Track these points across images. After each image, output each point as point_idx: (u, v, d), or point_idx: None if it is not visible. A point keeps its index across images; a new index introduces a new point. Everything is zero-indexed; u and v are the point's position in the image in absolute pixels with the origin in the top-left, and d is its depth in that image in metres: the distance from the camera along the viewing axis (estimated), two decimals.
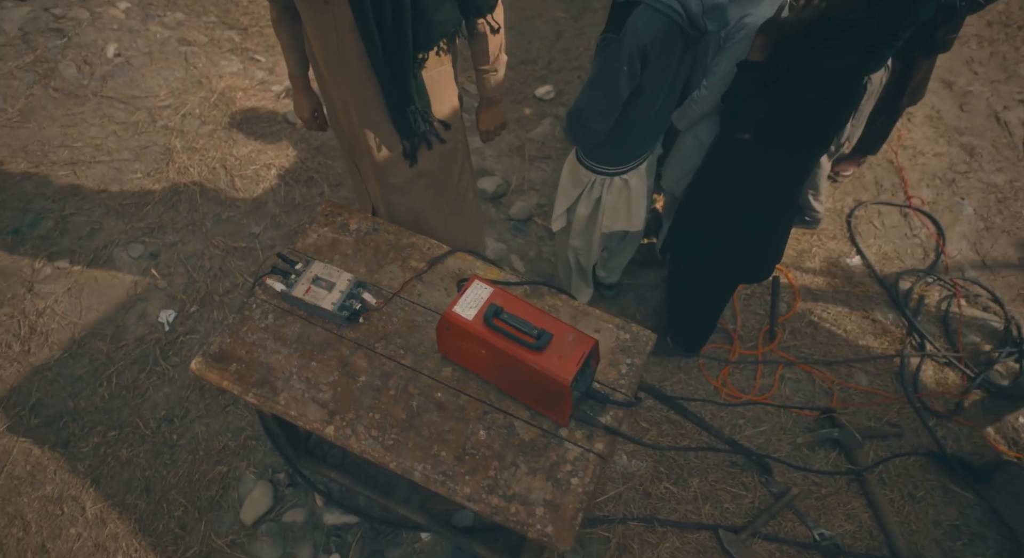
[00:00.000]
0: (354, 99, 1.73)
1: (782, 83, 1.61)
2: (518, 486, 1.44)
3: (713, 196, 2.00)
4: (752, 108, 1.68)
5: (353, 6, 1.52)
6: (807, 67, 1.59)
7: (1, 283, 2.50)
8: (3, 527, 2.03)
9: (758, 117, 1.70)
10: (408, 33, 1.58)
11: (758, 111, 1.68)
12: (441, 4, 1.59)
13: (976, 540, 2.23)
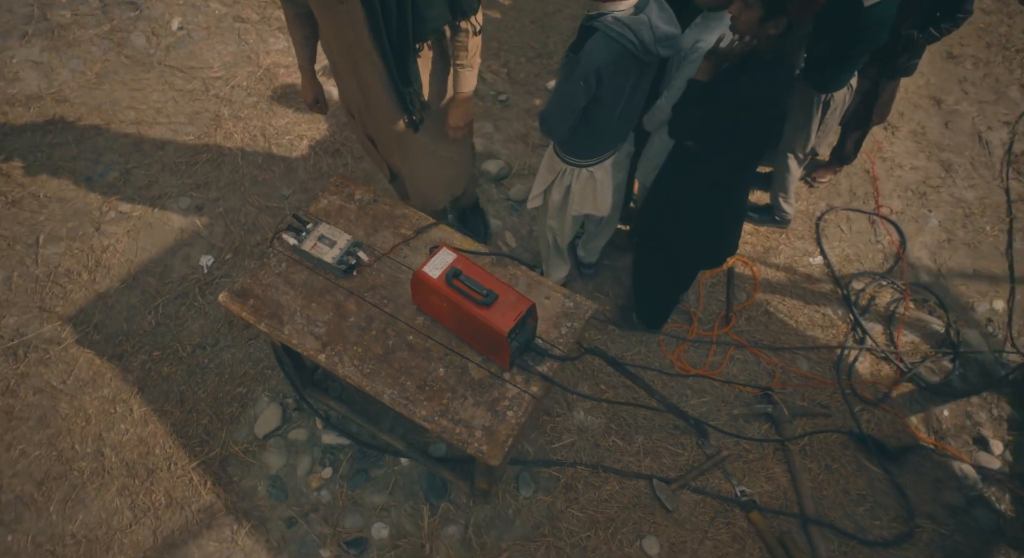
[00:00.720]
0: (366, 82, 2.11)
1: (718, 101, 1.94)
2: (464, 413, 1.84)
3: (669, 192, 2.33)
4: (694, 120, 2.01)
5: (364, 5, 1.88)
6: (739, 89, 1.91)
7: (75, 222, 2.97)
8: (70, 417, 2.52)
9: (699, 128, 2.03)
10: (409, 26, 1.94)
11: (698, 123, 2.01)
12: (432, 4, 1.94)
13: (877, 508, 2.57)
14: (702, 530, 2.49)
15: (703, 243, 2.44)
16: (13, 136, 3.20)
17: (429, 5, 1.93)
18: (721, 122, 1.96)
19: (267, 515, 2.43)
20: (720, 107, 1.92)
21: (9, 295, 2.78)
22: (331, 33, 2.05)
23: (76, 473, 2.42)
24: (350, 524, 2.43)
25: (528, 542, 2.44)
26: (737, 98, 1.88)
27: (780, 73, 1.90)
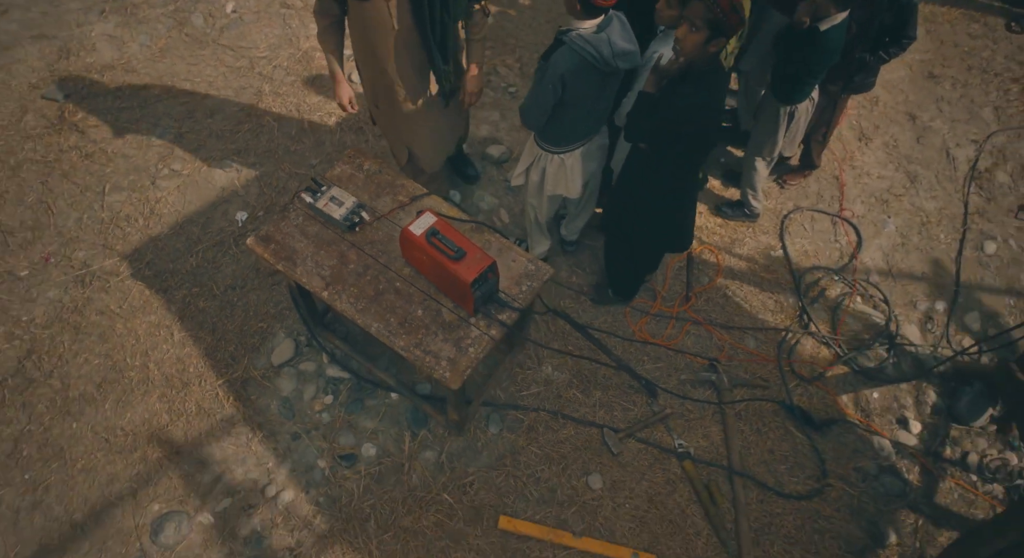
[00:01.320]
0: (398, 69, 2.54)
1: (661, 109, 2.33)
2: (434, 347, 2.28)
3: (628, 186, 2.74)
4: (643, 125, 2.40)
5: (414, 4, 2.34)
6: (679, 99, 2.30)
7: (135, 176, 3.49)
8: (124, 335, 3.04)
9: (648, 133, 2.43)
10: (450, 9, 2.42)
11: (647, 127, 2.41)
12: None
13: (796, 468, 2.96)
14: (641, 473, 2.92)
15: (657, 230, 2.84)
16: (89, 99, 3.73)
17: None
18: (666, 127, 2.36)
19: (276, 429, 2.92)
20: (664, 115, 2.31)
21: (79, 233, 3.31)
22: (369, 29, 2.46)
23: (126, 380, 2.95)
24: (344, 442, 2.91)
25: (491, 470, 2.89)
26: (678, 107, 2.28)
27: (715, 82, 2.28)
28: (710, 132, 2.43)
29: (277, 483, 2.81)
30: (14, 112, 3.67)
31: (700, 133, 2.38)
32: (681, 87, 2.27)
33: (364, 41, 2.57)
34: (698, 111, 2.30)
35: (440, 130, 2.88)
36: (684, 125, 2.35)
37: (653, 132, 2.41)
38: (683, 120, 2.32)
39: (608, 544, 2.74)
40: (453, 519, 2.76)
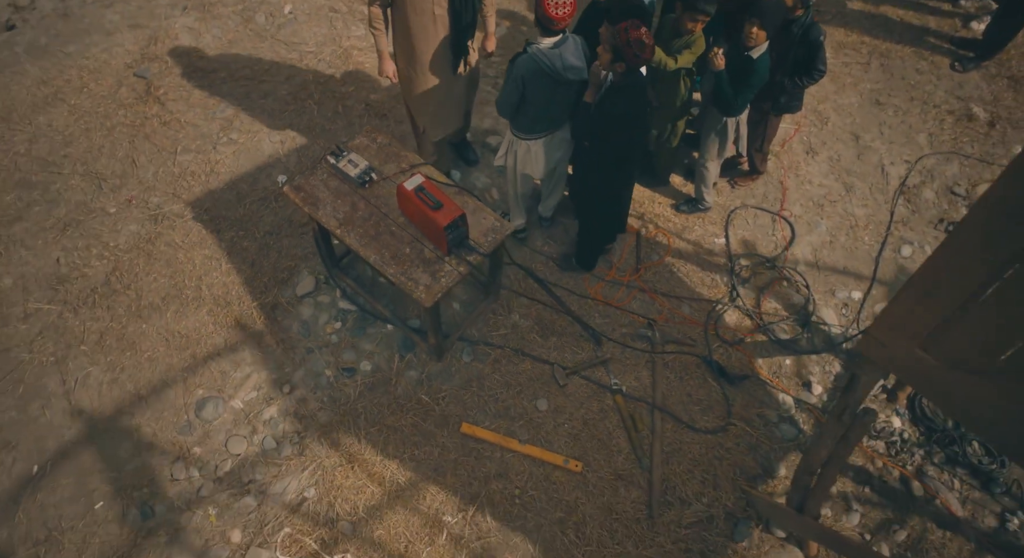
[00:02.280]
0: (434, 48, 3.33)
1: (595, 115, 3.06)
2: (415, 275, 3.04)
3: (578, 174, 3.47)
4: (583, 127, 3.13)
5: None
6: (608, 107, 3.02)
7: (201, 141, 4.33)
8: (184, 263, 3.87)
9: (586, 133, 3.15)
10: (469, 5, 3.21)
11: (586, 129, 3.13)
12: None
13: (707, 409, 3.63)
14: (580, 402, 3.62)
15: (597, 213, 3.57)
16: (168, 78, 4.59)
17: None
18: (598, 130, 3.08)
19: (295, 344, 3.70)
20: (596, 120, 3.04)
21: (155, 183, 4.16)
22: (413, 14, 3.22)
23: (184, 297, 3.77)
24: (346, 358, 3.68)
25: (460, 389, 3.63)
26: (608, 113, 3.00)
27: (634, 96, 3.00)
28: (633, 135, 3.15)
29: (292, 383, 3.59)
30: (111, 85, 4.56)
31: (624, 136, 3.10)
32: (608, 99, 3.00)
33: (405, 25, 3.30)
34: (619, 119, 3.03)
35: (455, 98, 3.69)
36: (610, 129, 3.07)
37: (591, 133, 3.14)
38: (609, 125, 3.05)
39: (546, 451, 3.45)
40: (426, 422, 3.51)
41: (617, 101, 2.98)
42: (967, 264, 1.80)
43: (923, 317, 1.97)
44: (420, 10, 3.21)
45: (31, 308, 3.70)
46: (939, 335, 1.98)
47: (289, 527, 3.22)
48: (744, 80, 3.51)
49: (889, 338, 2.12)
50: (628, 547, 3.27)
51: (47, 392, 3.48)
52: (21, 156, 4.25)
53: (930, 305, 1.94)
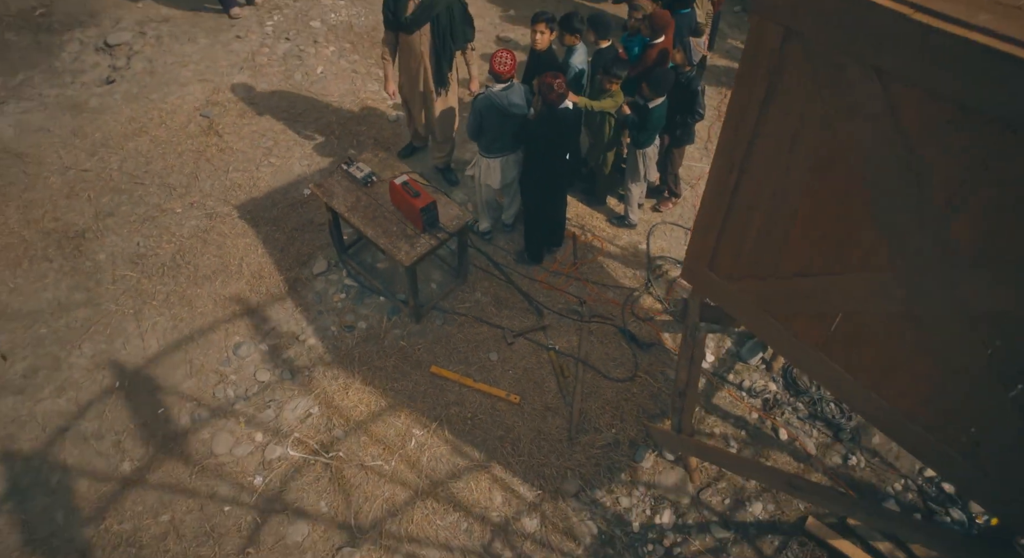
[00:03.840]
0: (422, 74, 4.77)
1: (531, 130, 4.36)
2: (399, 244, 4.27)
3: (524, 185, 4.75)
4: (523, 137, 4.43)
5: (432, 33, 4.55)
6: (541, 126, 4.33)
7: (246, 163, 5.70)
8: (231, 248, 5.13)
9: (527, 144, 4.45)
10: (449, 45, 4.60)
11: (525, 138, 4.43)
12: (457, 37, 4.64)
13: (620, 365, 4.74)
14: (522, 356, 4.75)
15: (538, 214, 4.83)
16: (225, 117, 6.02)
17: (455, 37, 4.66)
18: (531, 142, 4.38)
19: (310, 307, 4.90)
20: (533, 133, 4.34)
21: (212, 192, 5.49)
22: (407, 49, 4.71)
23: (228, 271, 5.02)
24: (348, 319, 4.86)
25: (433, 344, 4.78)
26: (541, 129, 4.31)
27: (553, 124, 4.30)
28: (555, 152, 4.45)
29: (305, 334, 4.77)
30: (183, 122, 5.99)
31: (547, 150, 4.40)
32: (535, 123, 4.32)
33: (404, 58, 4.80)
34: (542, 138, 4.34)
35: (443, 113, 5.13)
36: (537, 144, 4.38)
37: (527, 143, 4.45)
38: (537, 139, 4.36)
39: (493, 388, 4.56)
40: (404, 364, 4.65)
41: (540, 125, 4.29)
42: (716, 206, 2.99)
43: (704, 247, 3.15)
44: (412, 53, 4.67)
45: (118, 275, 4.97)
46: (715, 258, 3.15)
47: (297, 433, 4.33)
48: (644, 123, 4.83)
49: (693, 265, 3.29)
50: (552, 459, 4.33)
51: (127, 333, 4.69)
52: (115, 171, 5.62)
53: (706, 237, 3.12)
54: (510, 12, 7.58)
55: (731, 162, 2.81)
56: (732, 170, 2.82)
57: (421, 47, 4.74)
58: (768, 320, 3.07)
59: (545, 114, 4.30)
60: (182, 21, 7.09)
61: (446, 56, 4.80)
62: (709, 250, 3.16)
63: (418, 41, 4.70)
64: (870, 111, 2.21)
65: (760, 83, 2.52)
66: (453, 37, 4.72)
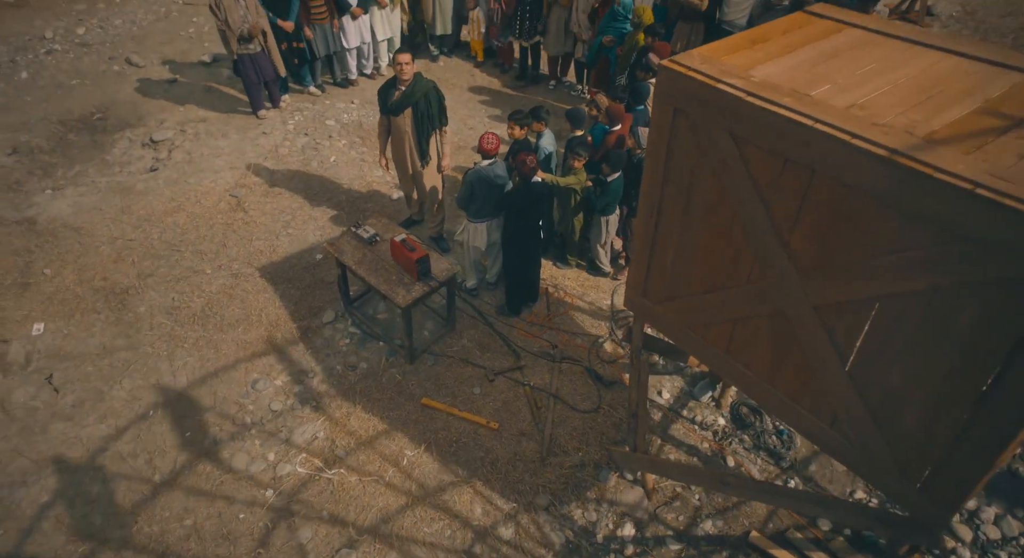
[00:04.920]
0: (407, 148, 5.80)
1: (511, 198, 5.34)
2: (398, 289, 5.14)
3: (504, 247, 5.68)
4: (504, 206, 5.40)
5: (413, 117, 5.65)
6: (516, 195, 5.31)
7: (267, 232, 6.66)
8: (253, 302, 5.98)
9: (507, 209, 5.42)
10: (427, 126, 5.65)
11: (506, 207, 5.40)
12: (434, 120, 5.71)
13: (587, 399, 5.46)
14: (501, 391, 5.49)
15: (516, 273, 5.73)
16: (251, 197, 7.05)
17: (432, 121, 5.70)
18: (510, 209, 5.35)
19: (319, 351, 5.69)
20: (512, 202, 5.32)
21: (238, 255, 6.41)
22: (395, 129, 5.77)
23: (250, 320, 5.84)
24: (352, 360, 5.64)
25: (425, 380, 5.53)
26: (518, 199, 5.29)
27: (526, 195, 5.29)
28: (528, 218, 5.41)
29: (314, 372, 5.53)
30: (215, 201, 7.02)
31: (528, 210, 5.37)
32: (513, 193, 5.31)
33: (394, 137, 5.86)
34: (519, 205, 5.31)
35: (429, 182, 6.12)
36: (516, 210, 5.35)
37: (507, 211, 5.41)
38: (515, 207, 5.33)
39: (476, 416, 5.27)
40: (399, 397, 5.38)
41: (517, 195, 5.28)
42: (643, 244, 3.88)
43: (638, 278, 4.02)
44: (398, 132, 5.77)
45: (155, 323, 5.79)
46: (647, 286, 4.00)
47: (305, 453, 5.00)
48: (604, 195, 5.83)
49: (632, 294, 4.14)
50: (526, 477, 4.98)
51: (160, 371, 5.45)
52: (155, 240, 6.58)
53: (639, 270, 3.99)
54: (496, 111, 8.85)
55: (650, 209, 3.73)
56: (652, 214, 3.74)
57: (406, 127, 5.85)
58: (689, 333, 3.89)
59: (521, 186, 5.29)
60: (216, 121, 8.31)
61: (425, 135, 5.88)
62: (642, 280, 4.02)
63: (403, 122, 5.81)
64: (732, 165, 3.15)
65: (663, 148, 3.48)
66: (430, 119, 5.83)
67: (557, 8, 8.39)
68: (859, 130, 2.67)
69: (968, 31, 10.29)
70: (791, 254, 3.09)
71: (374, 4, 8.51)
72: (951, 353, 2.64)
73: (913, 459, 2.99)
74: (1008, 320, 2.40)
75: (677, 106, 3.31)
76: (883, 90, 2.98)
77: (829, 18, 3.67)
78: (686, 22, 8.27)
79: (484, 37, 9.50)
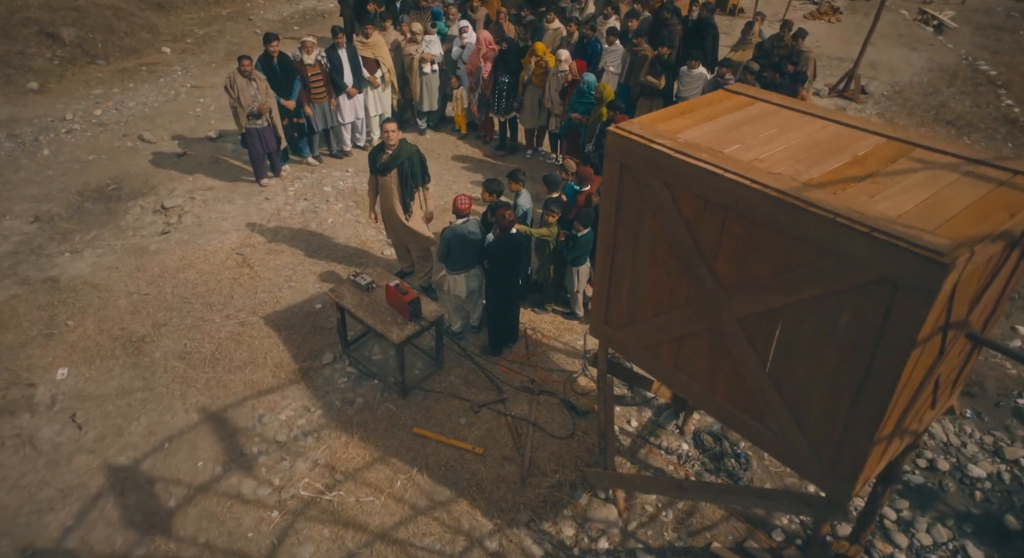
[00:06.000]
0: (393, 204, 6.56)
1: (492, 250, 6.09)
2: (392, 328, 5.79)
3: (484, 286, 6.40)
4: (485, 256, 6.15)
5: (399, 177, 6.44)
6: (496, 246, 6.07)
7: (271, 286, 7.33)
8: (257, 347, 6.59)
9: (487, 259, 6.16)
10: (410, 184, 6.42)
11: (487, 257, 6.15)
12: (416, 178, 6.52)
13: (562, 426, 6.05)
14: (486, 421, 6.07)
15: (497, 317, 6.43)
16: (256, 255, 7.76)
17: (415, 179, 6.51)
18: (490, 260, 6.10)
19: (319, 388, 6.27)
20: (493, 252, 6.07)
21: (244, 307, 7.06)
22: (383, 187, 6.55)
23: (256, 363, 6.43)
24: (349, 396, 6.21)
25: (415, 413, 6.10)
26: (498, 248, 6.04)
27: (504, 245, 6.05)
28: (505, 267, 6.15)
29: (315, 407, 6.09)
30: (223, 259, 7.72)
31: (506, 260, 6.11)
32: (493, 244, 6.08)
33: (383, 194, 6.61)
34: (499, 254, 6.07)
35: (404, 230, 6.84)
36: (493, 260, 6.10)
37: (489, 259, 6.16)
38: (496, 256, 6.08)
39: (463, 442, 5.83)
40: (392, 428, 5.94)
41: (498, 245, 6.04)
42: (603, 278, 4.61)
43: (600, 308, 4.72)
44: (386, 189, 6.57)
45: (169, 367, 6.36)
46: (608, 314, 4.70)
47: (307, 479, 5.51)
48: (575, 247, 6.62)
49: (596, 323, 4.83)
50: (508, 496, 5.50)
51: (175, 409, 5.99)
52: (168, 294, 7.22)
53: (600, 301, 4.70)
54: (478, 177, 9.75)
55: (607, 248, 4.48)
56: (608, 252, 4.49)
57: (392, 185, 6.65)
58: (645, 353, 4.57)
59: (501, 237, 6.06)
60: (223, 189, 9.12)
61: (409, 191, 6.69)
62: (603, 310, 4.73)
63: (390, 181, 6.61)
64: (667, 208, 3.92)
65: (614, 196, 4.25)
66: (414, 178, 6.65)
67: (531, 87, 9.43)
68: (758, 177, 3.46)
69: (896, 107, 11.52)
70: (716, 277, 3.82)
71: (367, 85, 9.52)
72: (837, 349, 3.34)
73: (822, 442, 3.64)
74: (869, 318, 3.12)
75: (623, 162, 4.11)
76: (778, 148, 3.80)
77: (743, 94, 4.56)
78: (647, 98, 9.35)
79: (467, 112, 10.54)
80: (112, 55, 12.78)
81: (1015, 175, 3.39)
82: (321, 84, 9.02)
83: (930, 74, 12.84)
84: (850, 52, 12.12)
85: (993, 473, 5.85)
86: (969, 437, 6.21)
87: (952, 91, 12.13)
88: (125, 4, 14.09)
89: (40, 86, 11.57)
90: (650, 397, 6.44)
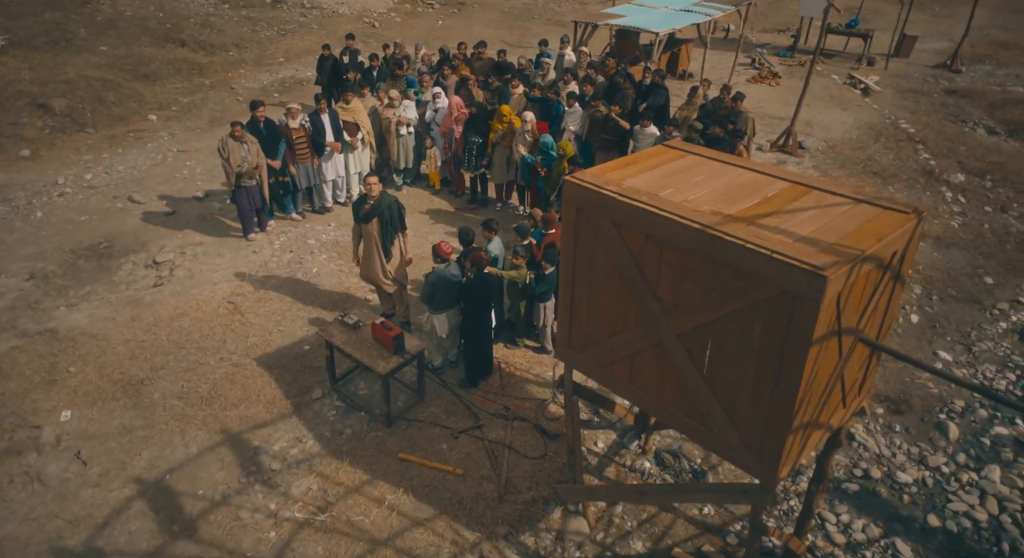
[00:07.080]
0: (375, 251, 7.24)
1: (467, 289, 6.78)
2: (378, 361, 6.39)
3: (461, 323, 7.06)
4: (463, 295, 6.83)
5: (379, 226, 7.15)
6: (472, 285, 6.77)
7: (261, 331, 7.88)
8: (251, 385, 7.10)
9: (464, 298, 6.84)
10: (390, 231, 7.13)
11: (464, 295, 6.83)
12: (395, 225, 7.24)
13: (535, 448, 6.63)
14: (464, 445, 6.62)
15: (473, 352, 7.08)
16: (247, 302, 8.33)
17: (395, 226, 7.24)
18: (469, 297, 6.78)
19: (310, 421, 6.77)
20: (469, 291, 6.76)
21: (235, 349, 7.58)
22: (366, 234, 7.26)
23: (249, 400, 6.92)
24: (337, 427, 6.72)
25: (400, 440, 6.63)
26: (473, 287, 6.74)
27: (479, 285, 6.75)
28: (479, 304, 6.84)
29: (306, 438, 6.58)
30: (215, 308, 8.26)
31: (476, 303, 6.80)
32: (469, 284, 6.78)
33: (365, 241, 7.30)
34: (474, 292, 6.77)
35: (392, 276, 7.48)
36: (469, 298, 6.79)
37: (465, 300, 6.84)
38: (471, 295, 6.77)
39: (444, 464, 6.36)
40: (379, 454, 6.45)
41: (473, 284, 6.74)
42: (566, 305, 5.31)
43: (564, 333, 5.40)
44: (367, 236, 7.28)
45: (168, 405, 6.82)
46: (571, 338, 5.38)
47: (301, 502, 5.97)
48: (541, 283, 7.35)
49: (561, 347, 5.51)
50: (487, 512, 6.02)
51: (174, 444, 6.43)
52: (164, 341, 7.72)
53: (564, 326, 5.39)
54: (451, 228, 10.52)
55: (567, 280, 5.20)
56: (569, 284, 5.21)
57: (373, 232, 7.36)
58: (603, 371, 5.24)
59: (475, 277, 6.77)
60: (212, 244, 9.72)
61: (389, 238, 7.41)
62: (567, 334, 5.42)
63: (372, 228, 7.33)
64: (615, 243, 4.68)
65: (571, 235, 5.01)
66: (393, 225, 7.38)
67: (500, 147, 10.35)
68: (686, 214, 4.24)
69: (830, 160, 12.73)
70: (659, 299, 4.55)
71: (347, 148, 10.34)
72: (756, 354, 4.07)
73: (751, 436, 4.32)
74: (776, 326, 3.87)
75: (578, 206, 4.88)
76: (704, 191, 4.62)
77: (678, 149, 5.42)
78: (604, 152, 10.32)
79: (440, 169, 11.40)
80: (100, 123, 13.47)
81: (885, 210, 4.24)
82: (305, 146, 9.80)
83: (859, 131, 14.18)
84: (789, 112, 13.38)
85: (919, 479, 6.56)
86: (898, 448, 6.94)
87: (878, 146, 13.42)
88: (112, 76, 14.88)
89: (32, 153, 12.16)
90: (614, 421, 7.07)
